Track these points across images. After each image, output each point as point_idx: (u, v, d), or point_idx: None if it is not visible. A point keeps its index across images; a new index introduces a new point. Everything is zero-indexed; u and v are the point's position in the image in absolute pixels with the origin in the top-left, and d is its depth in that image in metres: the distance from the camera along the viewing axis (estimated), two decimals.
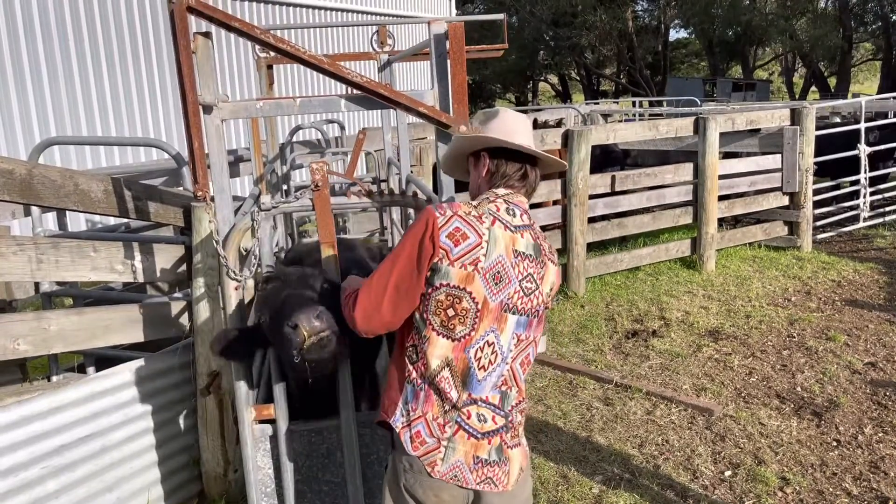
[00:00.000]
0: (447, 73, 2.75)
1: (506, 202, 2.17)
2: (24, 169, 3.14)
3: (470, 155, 2.32)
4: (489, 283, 2.06)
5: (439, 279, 2.04)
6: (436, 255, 2.03)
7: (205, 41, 2.63)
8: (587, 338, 6.17)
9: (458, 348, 2.07)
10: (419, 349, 2.10)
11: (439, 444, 2.08)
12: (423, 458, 2.08)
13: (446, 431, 2.08)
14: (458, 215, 2.07)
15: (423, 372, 2.09)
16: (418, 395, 2.10)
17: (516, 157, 2.22)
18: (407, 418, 2.11)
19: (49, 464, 3.13)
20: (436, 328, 2.07)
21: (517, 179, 2.23)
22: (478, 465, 2.10)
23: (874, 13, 33.83)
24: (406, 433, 2.10)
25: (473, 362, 2.09)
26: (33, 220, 4.13)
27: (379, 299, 2.07)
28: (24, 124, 9.00)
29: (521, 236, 2.14)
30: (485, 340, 2.09)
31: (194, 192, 2.72)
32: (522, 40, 36.53)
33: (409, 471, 2.11)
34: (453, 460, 2.08)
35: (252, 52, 7.26)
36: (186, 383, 3.71)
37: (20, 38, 9.00)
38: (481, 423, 2.11)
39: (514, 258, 2.10)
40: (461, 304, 2.05)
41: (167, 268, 3.73)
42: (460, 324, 2.06)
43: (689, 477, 4.05)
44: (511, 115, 2.28)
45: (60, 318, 3.43)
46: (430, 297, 2.05)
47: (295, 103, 2.74)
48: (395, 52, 5.13)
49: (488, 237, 2.07)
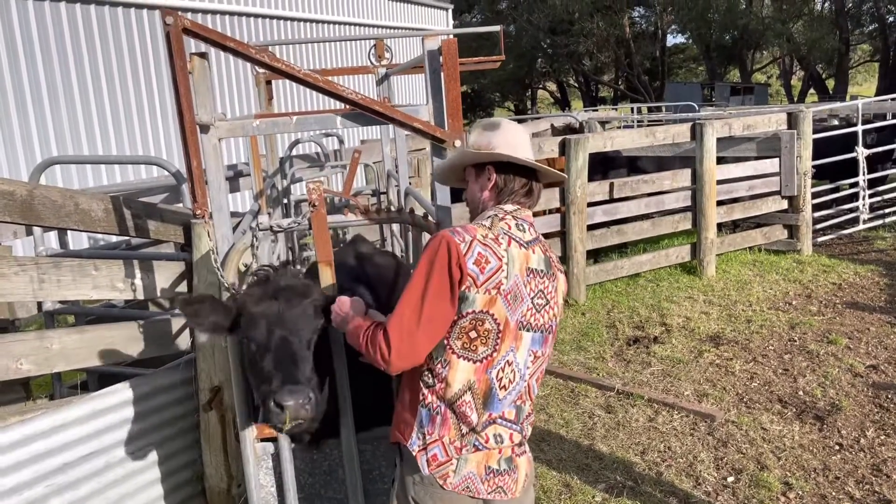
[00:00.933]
0: (441, 88, 2.78)
1: (514, 218, 2.17)
2: (25, 190, 3.17)
3: (470, 166, 2.30)
4: (510, 303, 2.07)
5: (466, 307, 2.03)
6: (464, 281, 2.02)
7: (201, 61, 2.66)
8: (588, 345, 6.18)
9: (480, 370, 2.08)
10: (437, 373, 2.09)
11: (450, 458, 2.09)
12: (436, 471, 2.09)
13: (462, 453, 2.09)
14: (478, 240, 2.05)
15: (442, 395, 2.08)
16: (434, 419, 2.10)
17: (522, 172, 2.22)
18: (423, 441, 2.11)
19: (53, 482, 3.14)
20: (456, 351, 2.06)
21: (523, 196, 2.23)
22: (489, 475, 2.11)
23: (870, 15, 33.91)
24: (423, 457, 2.10)
25: (495, 382, 2.09)
26: (35, 239, 4.15)
27: (413, 336, 2.01)
28: (26, 143, 9.07)
29: (533, 252, 2.14)
30: (505, 360, 2.10)
31: (193, 211, 2.74)
32: (520, 48, 36.66)
33: (418, 483, 2.12)
34: (465, 472, 2.09)
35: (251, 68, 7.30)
36: (189, 399, 3.73)
37: (20, 58, 9.07)
38: (498, 444, 2.12)
39: (527, 276, 2.11)
40: (484, 325, 2.05)
41: (168, 285, 3.76)
42: (482, 345, 2.06)
43: (691, 483, 4.06)
44: (513, 128, 2.26)
45: (62, 336, 3.45)
46: (455, 324, 2.05)
47: (291, 121, 2.77)
48: (392, 65, 5.17)
49: (507, 259, 2.06)
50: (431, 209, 3.09)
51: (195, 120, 2.60)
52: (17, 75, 9.02)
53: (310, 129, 2.91)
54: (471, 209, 2.33)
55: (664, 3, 34.94)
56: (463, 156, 2.31)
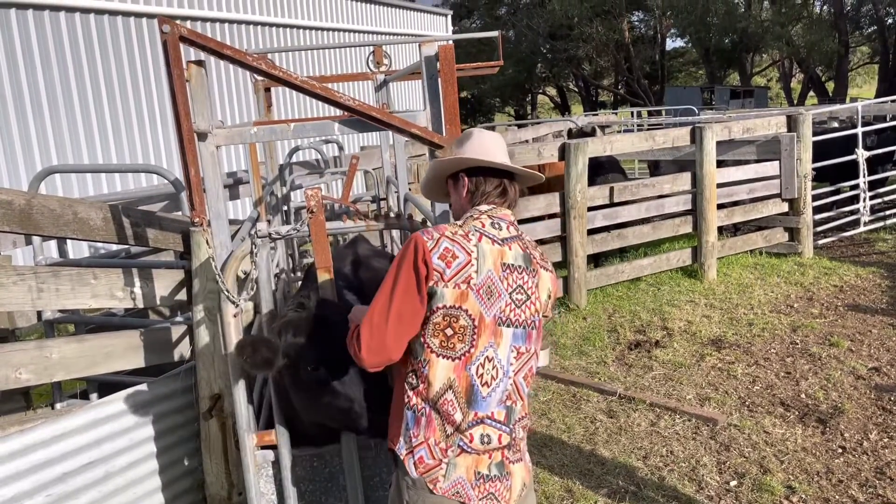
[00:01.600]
0: (439, 93, 2.78)
1: (490, 217, 2.20)
2: (23, 199, 3.17)
3: (448, 178, 2.35)
4: (483, 298, 2.09)
5: (436, 302, 2.06)
6: (430, 277, 2.05)
7: (198, 70, 2.66)
8: (590, 350, 6.17)
9: (459, 367, 2.09)
10: (419, 374, 2.11)
11: (440, 463, 2.10)
12: (425, 475, 2.09)
13: (448, 455, 2.10)
14: (445, 236, 2.10)
15: (426, 396, 2.10)
16: (419, 420, 2.11)
17: (494, 174, 2.26)
18: (409, 445, 2.12)
19: (53, 492, 3.14)
20: (434, 350, 2.08)
21: (497, 196, 2.27)
22: (479, 480, 2.11)
23: (869, 17, 33.97)
24: (409, 460, 2.11)
25: (476, 379, 2.10)
26: (34, 248, 4.15)
27: (382, 333, 2.06)
28: (26, 152, 9.09)
29: (510, 248, 2.17)
30: (484, 356, 2.11)
31: (191, 219, 2.74)
32: (520, 54, 36.76)
33: (411, 487, 2.13)
34: (455, 477, 2.09)
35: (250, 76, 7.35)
36: (189, 407, 3.72)
37: (20, 67, 9.10)
38: (484, 445, 2.12)
39: (503, 272, 2.13)
40: (458, 322, 2.07)
41: (167, 293, 3.75)
42: (459, 341, 2.08)
43: (694, 488, 4.04)
44: (485, 135, 2.32)
45: (62, 345, 3.45)
46: (428, 320, 2.08)
47: (289, 128, 2.77)
48: (391, 71, 5.18)
49: (477, 254, 2.09)
50: (431, 215, 3.09)
51: (193, 128, 2.61)
52: (16, 84, 9.05)
53: (308, 136, 2.91)
54: (454, 219, 2.37)
55: (663, 8, 35.02)
56: (435, 167, 2.37)
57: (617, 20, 34.83)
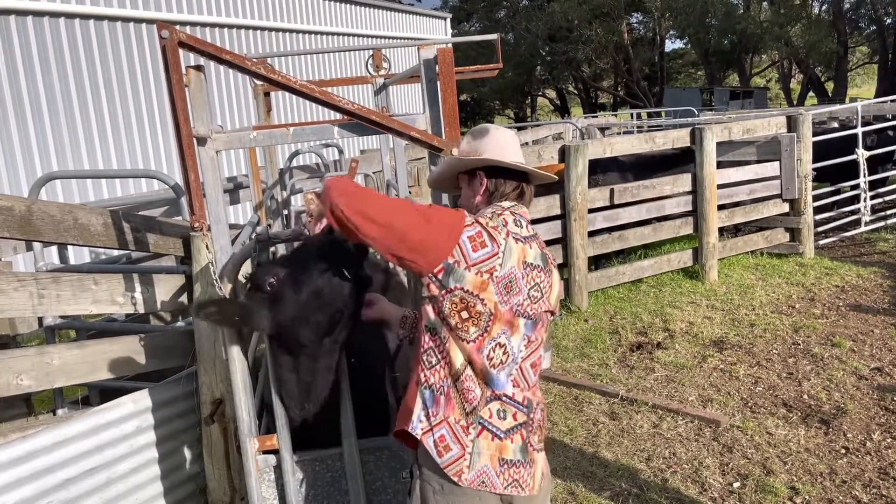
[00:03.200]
0: (438, 96, 2.77)
1: (512, 214, 2.21)
2: (24, 205, 3.17)
3: (462, 173, 2.35)
4: (501, 291, 2.09)
5: (455, 281, 2.06)
6: (451, 253, 2.05)
7: (197, 74, 2.66)
8: (591, 352, 6.16)
9: (473, 349, 2.10)
10: (440, 350, 2.12)
11: (464, 452, 2.08)
12: (449, 467, 2.08)
13: (470, 433, 2.09)
14: (480, 223, 2.11)
15: (448, 372, 2.11)
16: (438, 399, 2.11)
17: (512, 175, 2.27)
18: (428, 423, 2.11)
19: (55, 498, 3.13)
20: (452, 328, 2.09)
21: (514, 198, 2.28)
22: (503, 466, 2.10)
23: (868, 17, 34.01)
24: (429, 438, 2.10)
25: (486, 361, 2.11)
26: (35, 254, 4.15)
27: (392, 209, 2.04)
28: (26, 157, 9.10)
29: (530, 247, 2.18)
30: (496, 342, 2.11)
31: (191, 224, 2.74)
32: (519, 56, 36.81)
33: (439, 493, 2.11)
34: (479, 466, 2.08)
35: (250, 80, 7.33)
36: (191, 412, 3.72)
37: (20, 73, 9.11)
38: (501, 419, 2.12)
39: (524, 269, 2.14)
40: (475, 308, 2.07)
41: (168, 298, 3.75)
42: (474, 325, 2.08)
43: (697, 490, 4.03)
44: (502, 133, 2.31)
45: (63, 351, 3.44)
46: (445, 298, 2.07)
47: (288, 132, 2.77)
48: (390, 75, 5.18)
49: (504, 248, 2.10)
50: None
51: (192, 132, 2.60)
52: (17, 90, 9.06)
53: (307, 140, 2.91)
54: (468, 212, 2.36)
55: (662, 9, 35.08)
56: (453, 164, 2.36)
57: (616, 22, 34.89)
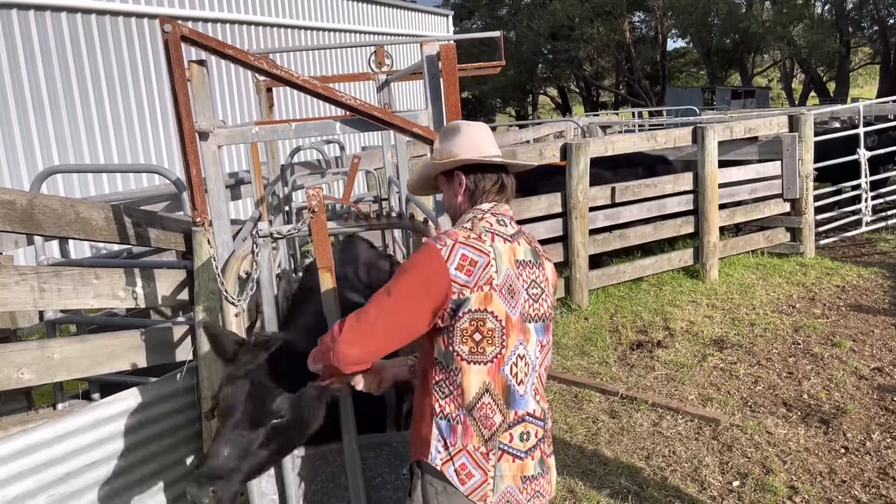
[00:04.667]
0: (440, 93, 2.77)
1: (493, 215, 2.18)
2: (25, 199, 3.17)
3: (440, 174, 2.31)
4: (506, 297, 2.06)
5: (462, 308, 2.02)
6: (451, 292, 2.02)
7: (200, 69, 2.66)
8: (592, 350, 6.16)
9: (493, 370, 2.06)
10: (451, 382, 2.07)
11: (486, 477, 2.06)
12: (473, 494, 2.06)
13: (490, 459, 2.07)
14: (459, 242, 2.06)
15: (461, 403, 2.07)
16: (455, 428, 2.08)
17: (490, 169, 2.23)
18: (447, 453, 2.08)
19: (55, 492, 3.13)
20: (465, 357, 2.05)
21: (496, 192, 2.23)
22: (526, 483, 2.10)
23: (871, 17, 33.96)
24: (449, 468, 2.07)
25: (511, 379, 2.08)
26: (36, 248, 4.15)
27: (372, 330, 2.02)
28: (27, 151, 9.10)
29: (519, 244, 2.15)
30: (517, 355, 2.09)
31: (193, 218, 2.74)
32: (521, 54, 36.76)
33: (441, 493, 2.09)
34: (503, 488, 2.07)
35: (252, 76, 7.36)
36: (191, 407, 3.72)
37: (21, 68, 9.11)
38: (524, 442, 2.11)
39: (517, 268, 2.11)
40: (485, 325, 2.04)
41: (169, 293, 3.75)
42: (490, 345, 2.05)
43: (697, 488, 4.04)
44: (474, 128, 2.27)
45: (64, 346, 3.44)
46: (454, 327, 2.03)
47: (290, 127, 2.77)
48: (392, 71, 5.17)
49: (494, 254, 2.07)
50: (432, 215, 3.08)
51: (194, 127, 2.60)
52: (18, 85, 9.05)
53: (309, 136, 2.91)
54: (450, 215, 2.34)
55: (664, 8, 35.03)
56: (430, 168, 2.32)
57: (618, 21, 34.83)
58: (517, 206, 6.72)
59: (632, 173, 8.30)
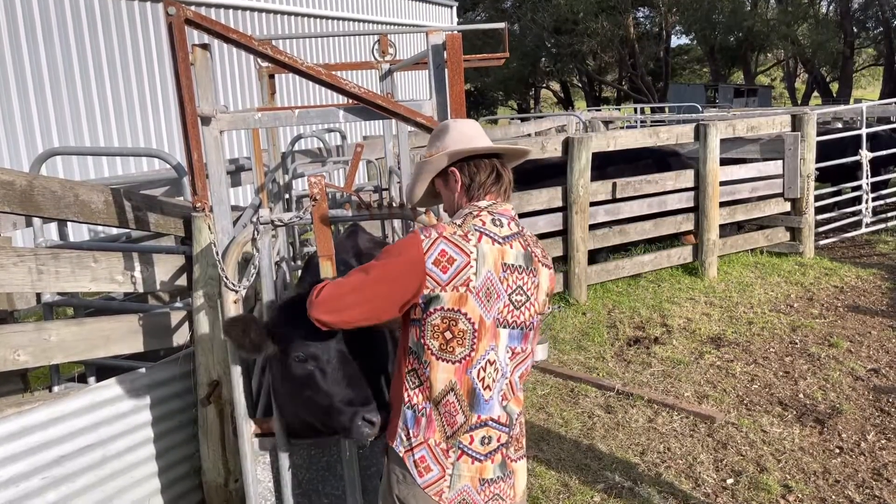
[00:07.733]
0: (445, 83, 2.76)
1: (490, 213, 2.12)
2: (25, 180, 3.15)
3: (436, 178, 2.25)
4: (483, 301, 2.03)
5: (433, 305, 2.01)
6: (424, 285, 2.00)
7: (203, 53, 2.64)
8: (589, 345, 6.16)
9: (460, 370, 2.05)
10: (420, 374, 2.07)
11: (444, 474, 2.07)
12: (429, 488, 2.07)
13: (450, 456, 2.07)
14: (443, 237, 2.03)
15: (428, 395, 2.06)
16: (419, 420, 2.08)
17: (484, 160, 2.18)
18: (409, 443, 2.09)
19: (49, 474, 3.13)
20: (434, 352, 2.04)
21: (493, 183, 2.17)
22: (484, 485, 2.09)
23: (875, 18, 33.90)
24: (409, 458, 2.08)
25: (478, 383, 2.06)
26: (35, 230, 4.13)
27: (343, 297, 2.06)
28: (27, 133, 9.06)
29: (511, 247, 2.09)
30: (486, 360, 2.06)
31: (193, 204, 2.72)
32: (524, 47, 36.63)
33: (402, 482, 2.10)
34: (460, 486, 2.07)
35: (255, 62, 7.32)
36: (187, 393, 3.71)
37: (23, 49, 9.06)
38: (485, 445, 2.09)
39: (503, 272, 2.06)
40: (457, 326, 2.01)
41: (167, 278, 3.74)
42: (459, 345, 2.03)
43: (691, 485, 4.04)
44: (461, 123, 2.23)
45: (61, 328, 3.43)
46: (426, 322, 2.02)
47: (293, 114, 2.75)
48: (396, 61, 5.14)
49: (476, 255, 2.02)
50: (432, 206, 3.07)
51: (196, 112, 2.59)
52: (19, 65, 9.01)
53: (312, 123, 2.89)
54: (449, 215, 2.28)
55: (669, 4, 34.92)
56: (422, 170, 2.26)
57: (622, 16, 34.72)
58: (517, 200, 6.71)
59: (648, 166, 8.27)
